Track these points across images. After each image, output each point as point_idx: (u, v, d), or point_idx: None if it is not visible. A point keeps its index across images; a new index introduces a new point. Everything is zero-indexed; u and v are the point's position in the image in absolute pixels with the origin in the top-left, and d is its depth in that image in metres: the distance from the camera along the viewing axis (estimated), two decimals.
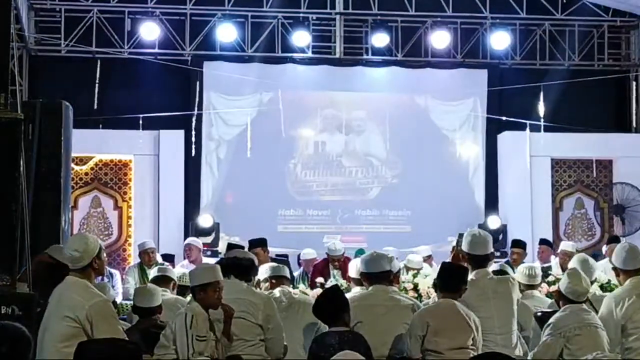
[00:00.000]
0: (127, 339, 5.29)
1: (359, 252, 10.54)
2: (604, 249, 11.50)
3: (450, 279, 6.27)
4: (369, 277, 6.74)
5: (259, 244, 9.71)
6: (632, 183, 14.46)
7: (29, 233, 6.44)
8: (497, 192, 14.59)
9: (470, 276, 6.51)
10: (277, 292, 7.07)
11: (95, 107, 13.86)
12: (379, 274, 6.67)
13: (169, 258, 11.49)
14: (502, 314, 6.48)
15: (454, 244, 10.80)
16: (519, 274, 7.77)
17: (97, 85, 13.97)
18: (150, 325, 6.65)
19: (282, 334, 6.50)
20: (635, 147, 14.66)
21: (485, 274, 6.58)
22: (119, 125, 13.79)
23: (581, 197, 14.94)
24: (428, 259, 10.74)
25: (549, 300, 7.41)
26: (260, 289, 7.21)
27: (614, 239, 11.33)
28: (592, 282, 7.59)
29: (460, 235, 6.88)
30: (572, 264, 7.51)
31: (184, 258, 11.35)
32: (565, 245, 10.98)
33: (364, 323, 6.42)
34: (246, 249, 9.54)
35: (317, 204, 14.38)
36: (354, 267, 7.24)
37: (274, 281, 7.30)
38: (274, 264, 7.73)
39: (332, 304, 6.24)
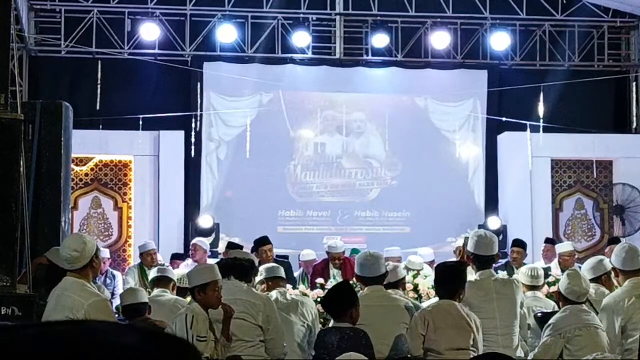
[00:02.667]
0: None
1: (354, 251, 10.59)
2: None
3: (447, 285, 6.25)
4: (363, 280, 6.76)
5: (268, 241, 9.85)
6: (632, 183, 14.46)
7: (29, 234, 6.45)
8: (497, 192, 14.58)
9: (475, 277, 6.53)
10: (274, 293, 7.07)
11: (96, 107, 13.87)
12: (374, 278, 6.67)
13: (179, 257, 11.52)
14: (504, 315, 6.49)
15: (459, 244, 10.86)
16: (521, 275, 7.76)
17: (97, 85, 13.97)
18: (147, 326, 6.66)
19: (281, 334, 6.51)
20: (635, 148, 14.66)
21: (489, 275, 6.59)
22: (119, 126, 13.79)
23: (581, 197, 14.94)
24: (430, 263, 10.70)
25: (552, 302, 7.38)
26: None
27: (615, 240, 11.33)
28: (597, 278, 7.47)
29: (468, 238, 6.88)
30: (589, 263, 7.47)
31: (184, 258, 11.38)
32: (563, 247, 11.00)
33: (364, 325, 6.42)
34: (249, 249, 9.62)
35: (317, 205, 14.37)
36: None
37: (269, 283, 7.30)
38: (269, 264, 7.72)
39: (339, 298, 6.25)
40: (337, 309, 6.24)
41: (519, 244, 11.00)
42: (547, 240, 11.79)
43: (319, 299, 8.01)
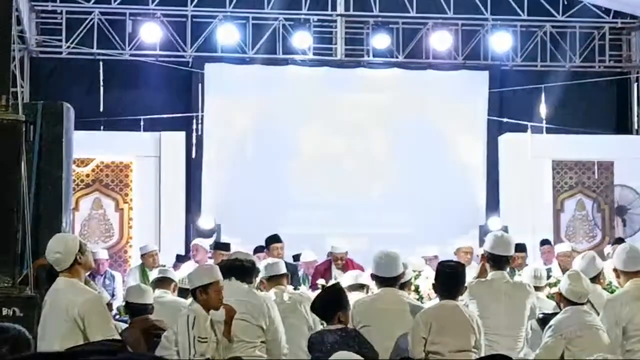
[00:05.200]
0: (116, 336, 5.32)
1: None
2: (606, 250, 11.56)
3: (449, 285, 6.24)
4: (378, 280, 6.72)
5: (279, 239, 10.14)
6: (632, 185, 14.44)
7: (30, 235, 6.45)
8: (498, 193, 14.57)
9: (488, 276, 6.55)
10: (272, 294, 7.04)
11: (97, 108, 13.87)
12: (389, 279, 6.64)
13: (182, 259, 11.55)
14: (511, 317, 6.50)
15: (459, 245, 10.90)
16: (525, 276, 7.77)
17: (98, 87, 13.97)
18: (149, 326, 6.67)
19: (282, 335, 6.50)
20: (636, 149, 14.65)
21: (501, 277, 6.61)
22: (121, 127, 13.79)
23: (582, 198, 14.93)
24: (434, 259, 10.71)
25: (553, 303, 7.39)
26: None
27: (620, 241, 11.34)
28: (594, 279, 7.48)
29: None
30: (579, 261, 7.50)
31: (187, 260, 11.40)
32: (562, 247, 11.14)
33: (372, 326, 6.39)
34: (250, 250, 9.66)
35: (319, 206, 14.35)
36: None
37: (265, 282, 7.25)
38: (269, 260, 7.63)
39: (328, 302, 6.23)
40: (325, 313, 6.22)
41: (522, 248, 10.99)
42: (544, 242, 11.81)
43: None
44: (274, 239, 10.20)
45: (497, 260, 6.63)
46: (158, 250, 11.48)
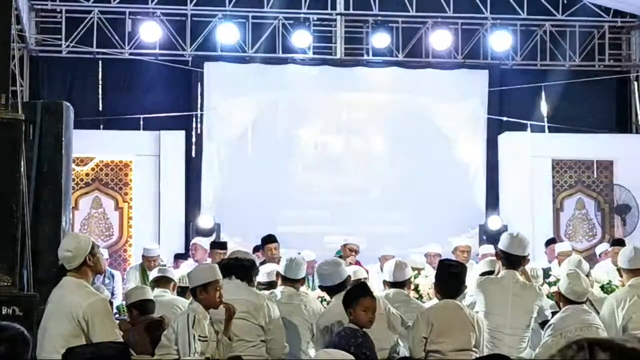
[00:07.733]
0: (119, 339, 5.32)
1: (338, 252, 10.75)
2: (597, 250, 11.67)
3: (449, 284, 6.24)
4: (327, 291, 6.73)
5: (274, 239, 10.10)
6: (633, 184, 14.43)
7: (30, 234, 6.46)
8: (498, 192, 14.57)
9: (499, 274, 6.57)
10: (278, 292, 7.05)
11: (96, 107, 13.87)
12: (337, 286, 6.61)
13: (182, 257, 11.53)
14: (516, 316, 6.51)
15: (457, 244, 10.89)
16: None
17: (98, 86, 13.97)
18: (152, 323, 6.67)
19: (282, 334, 6.50)
20: (636, 148, 14.64)
21: (512, 275, 6.63)
22: (120, 126, 13.79)
23: (582, 197, 14.93)
24: (437, 256, 10.70)
25: (550, 302, 7.42)
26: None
27: (618, 242, 11.34)
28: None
29: None
30: (566, 265, 7.56)
31: (187, 258, 11.39)
32: (562, 246, 11.15)
33: None
34: (250, 249, 9.65)
35: (318, 205, 14.35)
36: (387, 272, 7.25)
37: (279, 279, 7.24)
38: (296, 260, 7.55)
39: (344, 298, 6.21)
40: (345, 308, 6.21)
41: None
42: (551, 241, 11.84)
43: (319, 299, 8.01)
44: (269, 239, 10.18)
45: (510, 260, 6.66)
46: (159, 254, 11.40)
